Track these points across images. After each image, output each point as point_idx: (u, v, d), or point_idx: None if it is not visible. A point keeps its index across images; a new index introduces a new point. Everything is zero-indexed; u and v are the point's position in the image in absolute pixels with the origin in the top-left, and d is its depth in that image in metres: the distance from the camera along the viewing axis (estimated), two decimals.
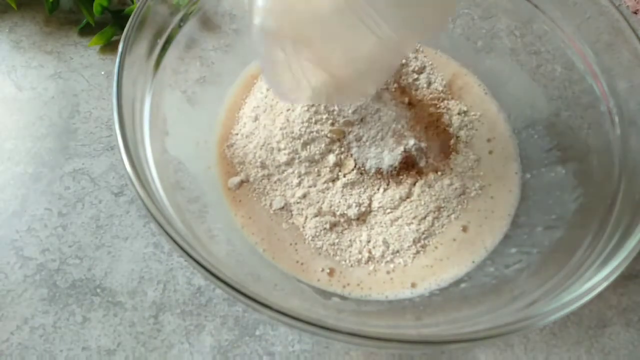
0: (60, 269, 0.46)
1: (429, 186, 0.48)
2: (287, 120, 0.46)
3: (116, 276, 0.46)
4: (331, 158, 0.46)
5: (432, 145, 0.50)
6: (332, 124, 0.46)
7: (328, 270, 0.44)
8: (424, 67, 0.53)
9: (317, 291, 0.43)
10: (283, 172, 0.47)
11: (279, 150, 0.47)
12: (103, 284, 0.45)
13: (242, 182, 0.48)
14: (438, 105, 0.52)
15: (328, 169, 0.46)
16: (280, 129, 0.46)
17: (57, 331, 0.43)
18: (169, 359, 0.43)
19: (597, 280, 0.32)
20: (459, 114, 0.52)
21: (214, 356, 0.43)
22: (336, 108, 0.46)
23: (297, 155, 0.46)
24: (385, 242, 0.45)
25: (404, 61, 0.51)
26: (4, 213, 0.48)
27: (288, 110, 0.47)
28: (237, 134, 0.50)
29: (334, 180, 0.47)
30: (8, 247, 0.47)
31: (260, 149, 0.47)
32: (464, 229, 0.47)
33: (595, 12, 0.42)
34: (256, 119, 0.49)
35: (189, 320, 0.44)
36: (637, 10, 0.64)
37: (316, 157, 0.46)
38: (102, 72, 0.57)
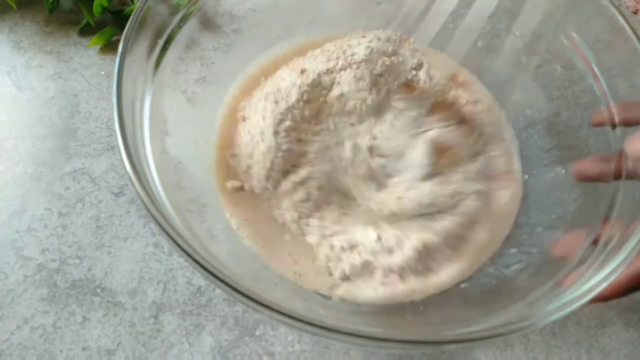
0: (60, 269, 0.46)
1: None
2: None
3: (116, 276, 0.46)
4: None
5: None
6: None
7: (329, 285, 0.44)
8: (422, 64, 0.52)
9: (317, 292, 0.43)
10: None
11: None
12: (103, 284, 0.45)
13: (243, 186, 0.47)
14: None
15: None
16: None
17: (57, 331, 0.43)
18: (169, 359, 0.43)
19: (597, 280, 0.32)
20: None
21: (214, 356, 0.43)
22: None
23: None
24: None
25: (400, 59, 0.51)
26: (4, 213, 0.48)
27: None
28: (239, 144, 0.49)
29: None
30: (8, 247, 0.47)
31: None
32: None
33: (595, 12, 0.42)
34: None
35: (189, 320, 0.44)
36: (637, 10, 0.64)
37: None
38: (102, 72, 0.57)
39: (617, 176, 0.39)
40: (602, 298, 0.33)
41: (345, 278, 0.42)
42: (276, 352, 0.43)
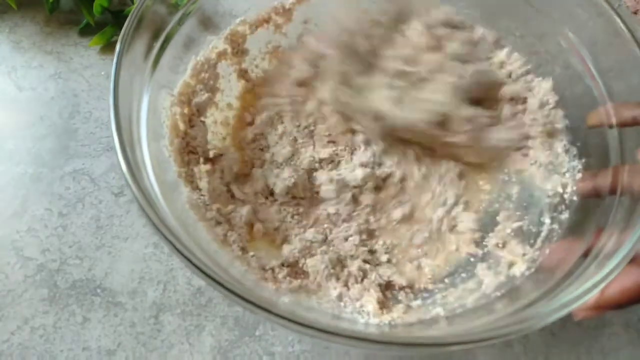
0: (60, 269, 0.46)
1: None
2: None
3: (116, 276, 0.46)
4: None
5: None
6: None
7: None
8: None
9: None
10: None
11: None
12: (103, 284, 0.45)
13: None
14: None
15: None
16: None
17: (57, 331, 0.43)
18: (169, 359, 0.43)
19: (596, 280, 0.32)
20: None
21: (214, 356, 0.43)
22: None
23: None
24: None
25: None
26: (5, 213, 0.48)
27: None
28: None
29: None
30: (8, 248, 0.47)
31: None
32: None
33: (594, 13, 0.42)
34: None
35: (189, 321, 0.44)
36: (637, 10, 0.63)
37: None
38: (102, 73, 0.57)
39: (612, 191, 0.39)
40: (611, 305, 0.33)
41: None
42: (276, 352, 0.43)
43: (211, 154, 0.45)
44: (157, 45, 0.41)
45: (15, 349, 0.42)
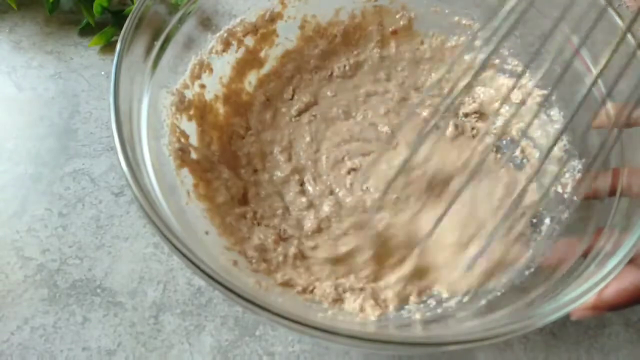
0: (60, 269, 0.46)
1: None
2: None
3: (116, 276, 0.46)
4: None
5: None
6: None
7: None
8: None
9: None
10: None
11: None
12: (103, 284, 0.45)
13: None
14: None
15: None
16: None
17: (57, 331, 0.43)
18: (169, 359, 0.43)
19: (596, 280, 0.32)
20: None
21: (214, 356, 0.43)
22: None
23: None
24: None
25: None
26: (5, 213, 0.48)
27: None
28: None
29: None
30: (8, 248, 0.47)
31: None
32: None
33: (594, 13, 0.42)
34: None
35: (189, 321, 0.44)
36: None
37: None
38: (102, 73, 0.57)
39: (612, 193, 0.39)
40: (608, 306, 0.33)
41: None
42: (276, 352, 0.43)
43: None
44: (157, 45, 0.41)
45: (15, 349, 0.42)
